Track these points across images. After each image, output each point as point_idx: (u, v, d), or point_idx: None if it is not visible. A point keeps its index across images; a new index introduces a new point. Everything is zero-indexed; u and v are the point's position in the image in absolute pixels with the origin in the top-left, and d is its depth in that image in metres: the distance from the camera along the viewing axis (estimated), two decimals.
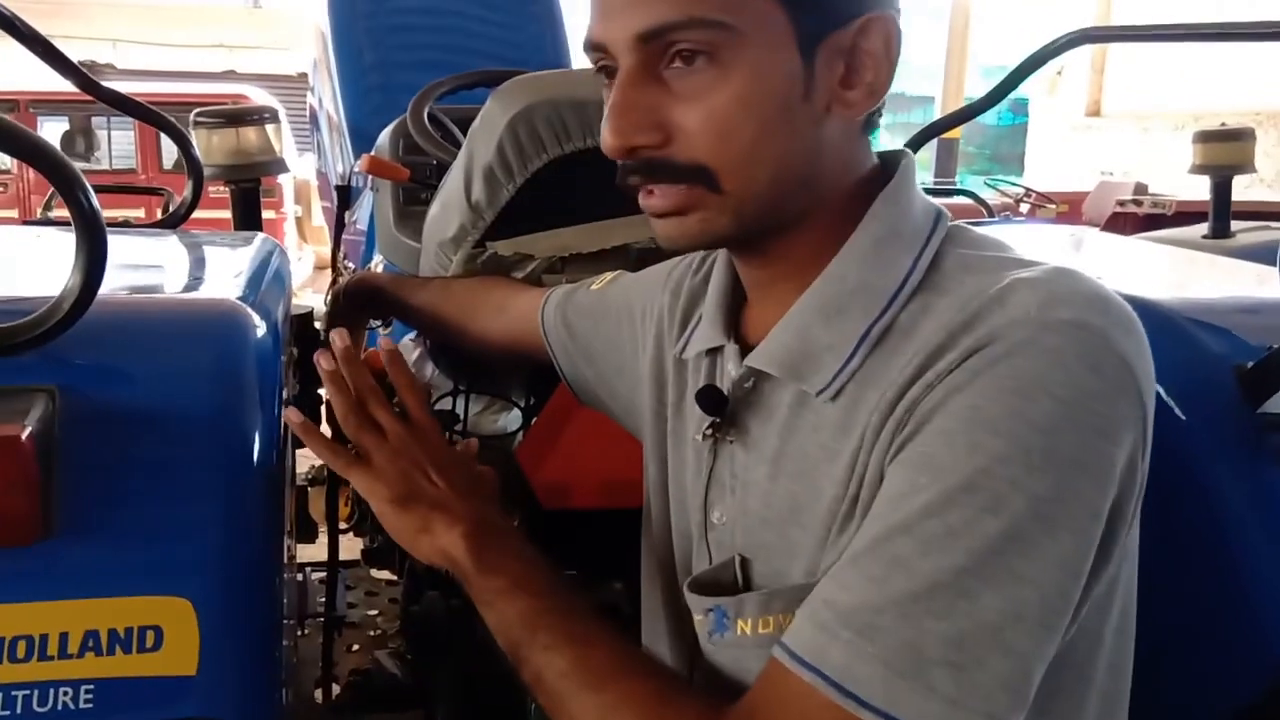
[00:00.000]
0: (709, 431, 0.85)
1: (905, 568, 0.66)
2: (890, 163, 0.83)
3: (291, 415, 0.99)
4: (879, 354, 0.75)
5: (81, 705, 0.85)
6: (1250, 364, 1.10)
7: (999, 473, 0.65)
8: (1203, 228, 3.80)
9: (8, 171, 8.85)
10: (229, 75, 15.55)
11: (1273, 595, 1.08)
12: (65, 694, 0.85)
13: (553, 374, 1.27)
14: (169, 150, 8.99)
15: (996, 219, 2.25)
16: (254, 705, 0.91)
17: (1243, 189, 10.36)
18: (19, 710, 0.84)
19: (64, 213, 1.01)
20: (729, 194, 0.75)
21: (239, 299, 1.19)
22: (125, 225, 2.73)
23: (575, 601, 0.84)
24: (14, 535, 0.88)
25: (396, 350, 1.05)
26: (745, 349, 0.84)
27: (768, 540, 0.80)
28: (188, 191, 2.03)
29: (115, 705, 0.86)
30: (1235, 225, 3.76)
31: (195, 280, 1.48)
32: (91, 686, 0.86)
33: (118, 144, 9.29)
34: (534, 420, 1.52)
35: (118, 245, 0.97)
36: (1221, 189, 3.71)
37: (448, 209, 1.52)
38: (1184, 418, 1.14)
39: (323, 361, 0.98)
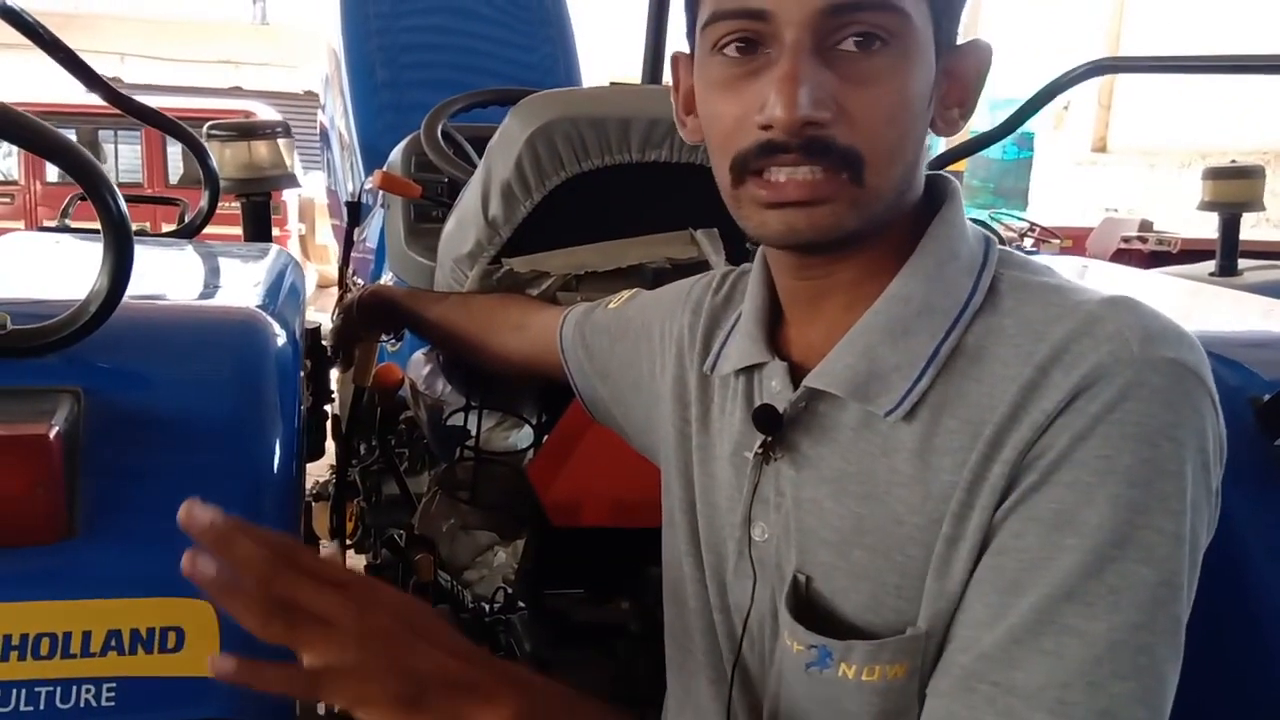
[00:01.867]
0: (759, 450, 0.84)
1: (1079, 635, 0.66)
2: (935, 187, 0.84)
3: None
4: (948, 376, 0.76)
5: (104, 703, 0.86)
6: (1266, 397, 1.11)
7: (1142, 523, 0.66)
8: (1210, 265, 3.82)
9: (14, 183, 8.88)
10: (235, 91, 15.65)
11: None
12: (88, 691, 0.85)
13: (564, 392, 1.27)
14: (175, 164, 9.04)
15: (1011, 248, 2.27)
16: (271, 707, 0.92)
17: (1249, 228, 10.42)
18: (42, 706, 0.84)
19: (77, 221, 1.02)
20: (868, 189, 0.74)
21: (259, 308, 1.20)
22: (141, 234, 2.75)
23: None
24: (39, 534, 0.89)
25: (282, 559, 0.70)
26: (791, 367, 0.84)
27: (827, 560, 0.79)
28: (204, 202, 2.05)
29: (137, 704, 0.86)
30: (1242, 263, 3.78)
31: (216, 289, 1.49)
32: (114, 685, 0.86)
33: (124, 157, 9.32)
34: (545, 438, 1.53)
35: (138, 252, 0.98)
36: (1230, 226, 3.72)
37: (464, 225, 1.54)
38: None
39: (199, 567, 0.67)
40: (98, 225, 0.98)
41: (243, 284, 1.41)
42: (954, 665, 0.70)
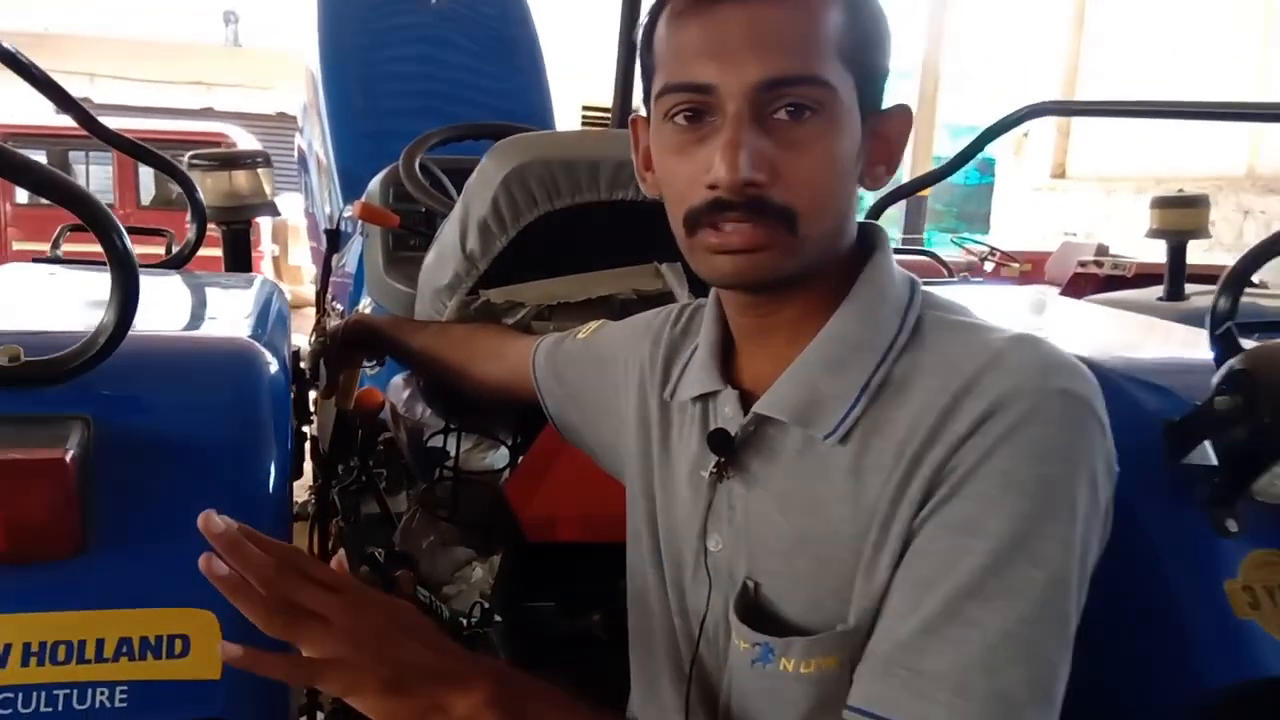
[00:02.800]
0: (712, 470, 0.94)
1: (979, 626, 0.75)
2: (867, 235, 0.94)
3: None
4: (877, 404, 0.85)
5: (117, 704, 0.94)
6: (1176, 419, 1.21)
7: (1036, 531, 0.76)
8: (1158, 290, 3.94)
9: None
10: (207, 113, 15.64)
11: (1195, 632, 1.19)
12: (102, 694, 0.93)
13: (538, 415, 1.36)
14: (146, 186, 9.05)
15: (955, 279, 2.38)
16: (271, 708, 1.00)
17: (1203, 253, 10.63)
18: (60, 708, 0.92)
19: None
20: (802, 238, 0.84)
21: (251, 337, 1.28)
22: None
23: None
24: (56, 549, 0.97)
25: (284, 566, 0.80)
26: (742, 395, 0.94)
27: (774, 568, 0.88)
28: (191, 234, 2.12)
29: (147, 705, 0.94)
30: (1190, 288, 3.90)
31: (209, 319, 1.57)
32: (125, 688, 0.94)
33: (95, 179, 9.31)
34: (520, 458, 1.61)
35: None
36: (1177, 253, 3.83)
37: (443, 258, 1.62)
38: (1118, 468, 1.26)
39: (214, 569, 0.77)
40: (87, 255, 1.05)
41: (234, 314, 1.49)
42: (875, 653, 0.80)
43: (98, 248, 1.06)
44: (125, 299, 1.06)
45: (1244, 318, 3.49)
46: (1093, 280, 7.06)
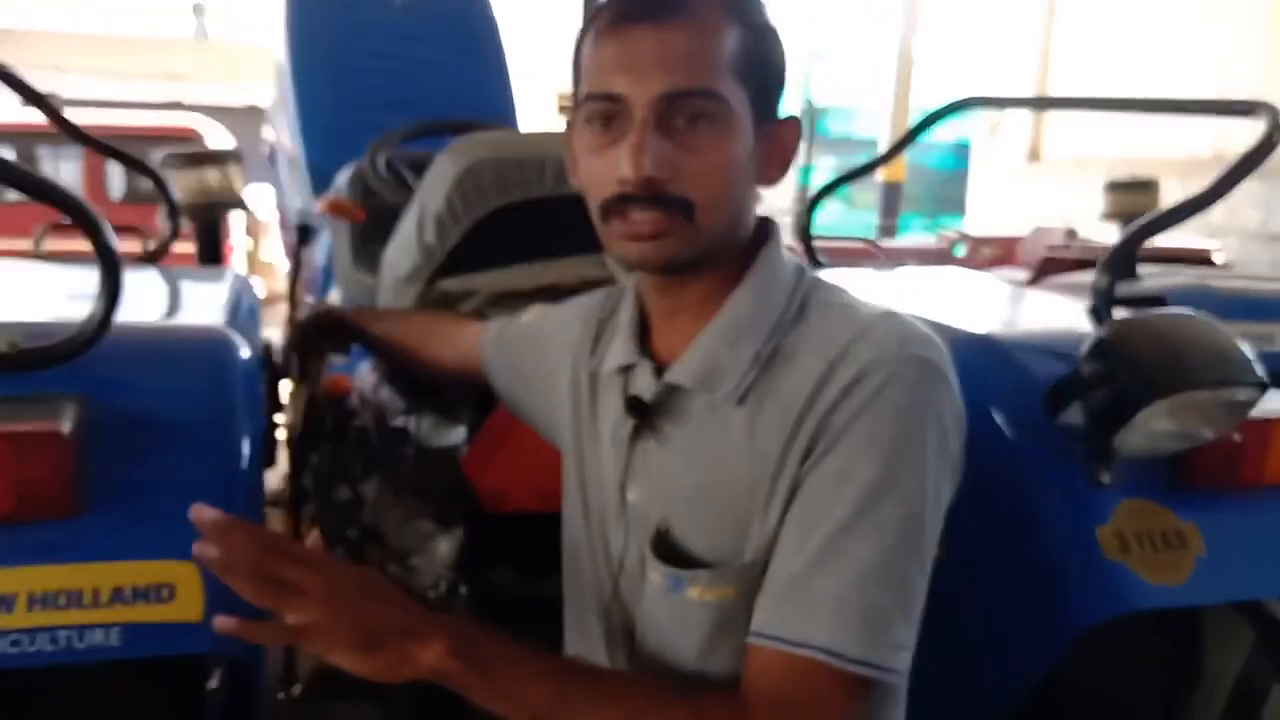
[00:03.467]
0: (631, 431, 1.08)
1: (854, 558, 0.90)
2: (761, 228, 1.08)
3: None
4: (768, 372, 0.99)
5: (112, 643, 1.07)
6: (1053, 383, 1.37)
7: (897, 476, 0.91)
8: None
9: None
10: (176, 106, 15.60)
11: (1069, 572, 1.34)
12: (100, 634, 1.07)
13: (492, 394, 1.49)
14: (115, 181, 9.06)
15: (889, 263, 2.53)
16: (246, 645, 1.13)
17: (1175, 233, 10.78)
18: (64, 646, 1.06)
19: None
20: (699, 226, 0.97)
21: (224, 326, 1.42)
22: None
23: (573, 662, 1.04)
24: (56, 510, 1.10)
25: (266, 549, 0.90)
26: (655, 365, 1.08)
27: (682, 513, 1.03)
28: (166, 231, 2.24)
29: (139, 642, 1.08)
30: (1143, 269, 4.08)
31: (187, 309, 1.70)
32: (119, 629, 1.08)
33: (65, 173, 9.30)
34: (476, 435, 1.74)
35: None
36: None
37: (403, 250, 1.75)
38: (1004, 427, 1.41)
39: (206, 553, 0.88)
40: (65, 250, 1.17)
41: (207, 305, 1.62)
42: (771, 587, 0.95)
43: (74, 244, 1.18)
44: (111, 291, 1.18)
45: (1192, 299, 3.68)
46: (1062, 264, 7.24)
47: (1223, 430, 1.32)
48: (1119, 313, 1.46)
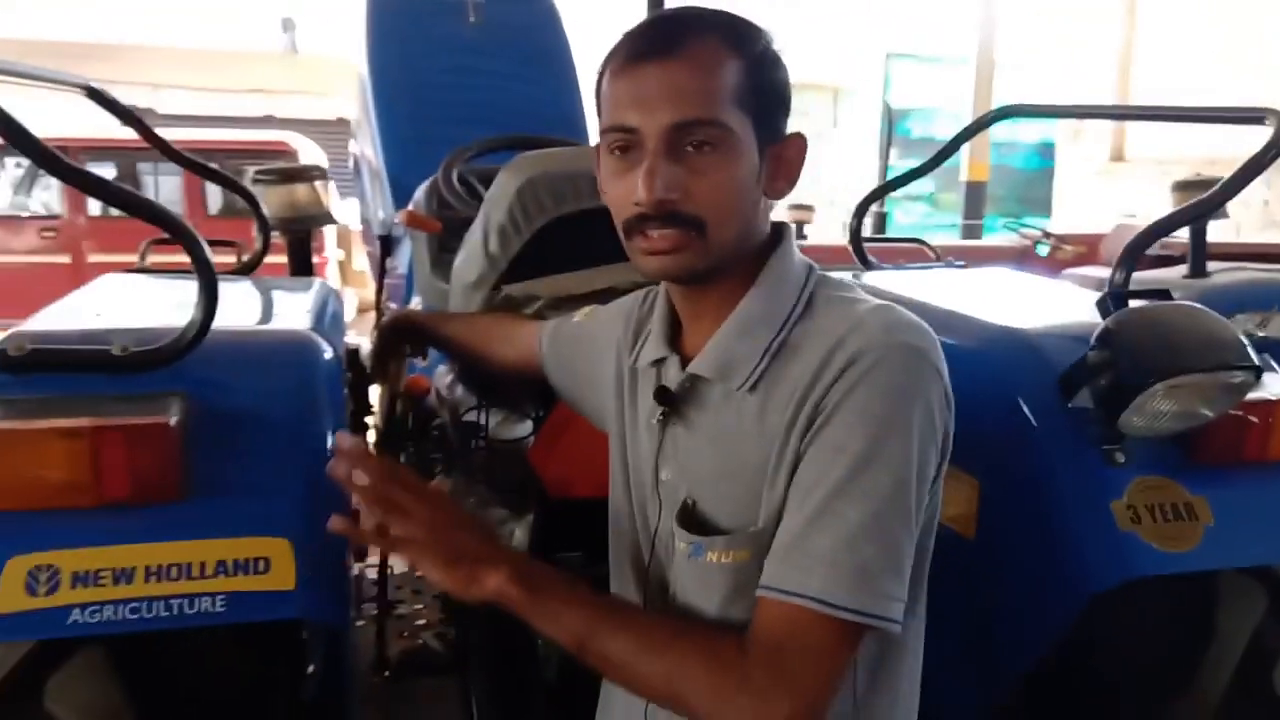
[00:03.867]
0: (659, 419, 1.22)
1: (844, 519, 1.02)
2: (775, 231, 1.20)
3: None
4: (778, 362, 1.12)
5: (217, 609, 1.23)
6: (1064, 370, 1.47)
7: (884, 447, 1.02)
8: (1184, 269, 4.13)
9: (58, 218, 9.33)
10: (268, 121, 16.07)
11: (1084, 540, 1.44)
12: (206, 602, 1.23)
13: (553, 390, 1.63)
14: (213, 196, 9.44)
15: (941, 263, 2.61)
16: (334, 611, 1.30)
17: (1259, 231, 10.55)
18: (177, 612, 1.23)
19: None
20: (710, 241, 1.09)
21: (310, 331, 1.58)
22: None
23: (610, 598, 1.19)
24: (165, 495, 1.27)
25: (395, 474, 1.10)
26: (683, 359, 1.21)
27: (705, 488, 1.16)
28: (258, 244, 2.43)
29: (241, 609, 1.25)
30: (1212, 266, 4.08)
31: (276, 316, 1.87)
32: (224, 597, 1.24)
33: (164, 189, 9.68)
34: (541, 428, 1.88)
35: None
36: (1198, 234, 4.00)
37: (470, 258, 1.91)
38: (1027, 411, 1.52)
39: (339, 470, 1.06)
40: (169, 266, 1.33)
41: (295, 312, 1.79)
42: (776, 547, 1.07)
43: (177, 258, 1.34)
44: (208, 300, 1.35)
45: (1258, 295, 3.68)
46: (1144, 260, 7.18)
47: (1221, 411, 1.41)
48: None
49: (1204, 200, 1.57)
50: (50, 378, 1.32)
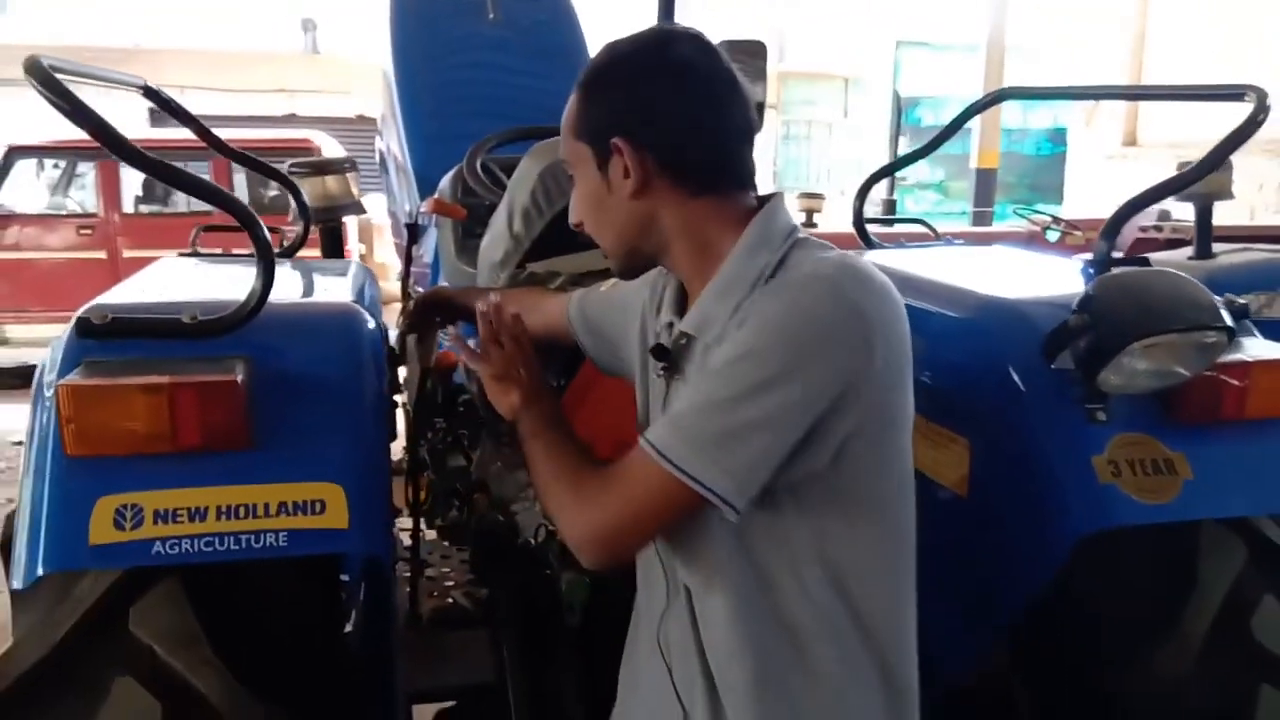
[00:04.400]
0: (661, 373, 1.37)
1: (705, 394, 1.19)
2: (765, 200, 1.34)
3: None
4: (741, 317, 1.23)
5: (281, 544, 1.39)
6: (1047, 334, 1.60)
7: (765, 349, 1.16)
8: (1190, 250, 4.22)
9: (94, 215, 9.56)
10: (291, 119, 16.28)
11: (1067, 493, 1.58)
12: (270, 537, 1.39)
13: (577, 360, 1.76)
14: (241, 192, 9.63)
15: (941, 241, 2.73)
16: (381, 546, 1.45)
17: (1274, 214, 10.58)
18: (245, 546, 1.38)
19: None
20: (608, 247, 1.37)
21: (354, 302, 1.72)
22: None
23: (563, 432, 1.39)
24: (233, 444, 1.41)
25: (509, 321, 1.48)
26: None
27: None
28: (299, 230, 2.59)
29: (301, 543, 1.40)
30: (1217, 247, 4.17)
31: (324, 290, 2.02)
32: (286, 534, 1.40)
33: None
34: (563, 394, 2.02)
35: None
36: (1204, 215, 4.06)
37: (496, 239, 2.05)
38: (1014, 374, 1.65)
39: (481, 305, 1.47)
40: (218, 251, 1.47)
41: (339, 287, 1.94)
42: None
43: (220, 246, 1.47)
44: (266, 275, 1.49)
45: (1264, 274, 3.76)
46: (1153, 244, 7.27)
47: (1197, 370, 1.54)
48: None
49: (1181, 175, 1.69)
50: (129, 343, 1.47)
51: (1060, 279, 1.86)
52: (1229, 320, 1.50)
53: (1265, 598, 1.65)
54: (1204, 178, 1.71)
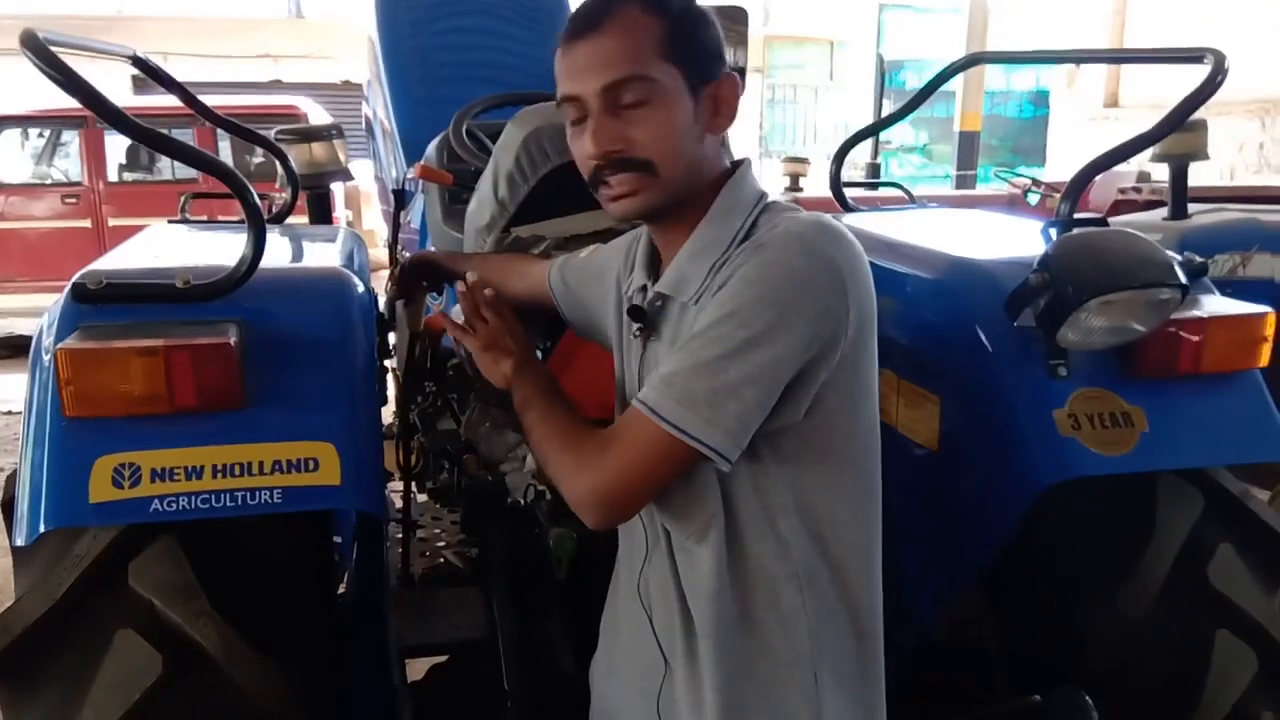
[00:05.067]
0: (637, 334, 1.42)
1: (694, 354, 1.24)
2: (737, 164, 1.39)
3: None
4: (719, 277, 1.29)
5: (275, 500, 1.45)
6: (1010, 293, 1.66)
7: (748, 307, 1.22)
8: (1165, 211, 4.26)
9: (78, 184, 9.54)
10: (276, 85, 16.19)
11: (1029, 446, 1.65)
12: (265, 494, 1.44)
13: (561, 325, 1.81)
14: (226, 159, 9.61)
15: (916, 204, 2.78)
16: (373, 503, 1.50)
17: (1253, 174, 10.66)
18: (240, 503, 1.44)
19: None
20: (663, 178, 1.29)
21: (343, 267, 1.77)
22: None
23: (558, 398, 1.44)
24: (227, 404, 1.47)
25: (490, 295, 1.57)
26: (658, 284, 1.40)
27: None
28: (288, 196, 2.63)
29: (294, 499, 1.46)
30: (1192, 208, 4.20)
31: (314, 256, 2.07)
32: (280, 490, 1.45)
33: None
34: (549, 357, 2.07)
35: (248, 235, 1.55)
36: (1178, 175, 4.13)
37: (482, 204, 2.09)
38: (980, 333, 1.71)
39: (460, 285, 1.57)
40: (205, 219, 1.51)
41: (329, 253, 1.98)
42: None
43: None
44: (257, 240, 1.54)
45: (1240, 234, 3.83)
46: (1133, 205, 7.33)
47: (1152, 326, 1.60)
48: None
49: (1141, 136, 1.75)
50: (123, 308, 1.51)
51: (1026, 240, 1.92)
52: (1183, 278, 1.56)
53: (1221, 545, 1.72)
54: (1163, 138, 1.76)
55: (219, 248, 1.86)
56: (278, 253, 1.93)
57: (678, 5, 1.31)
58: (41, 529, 1.42)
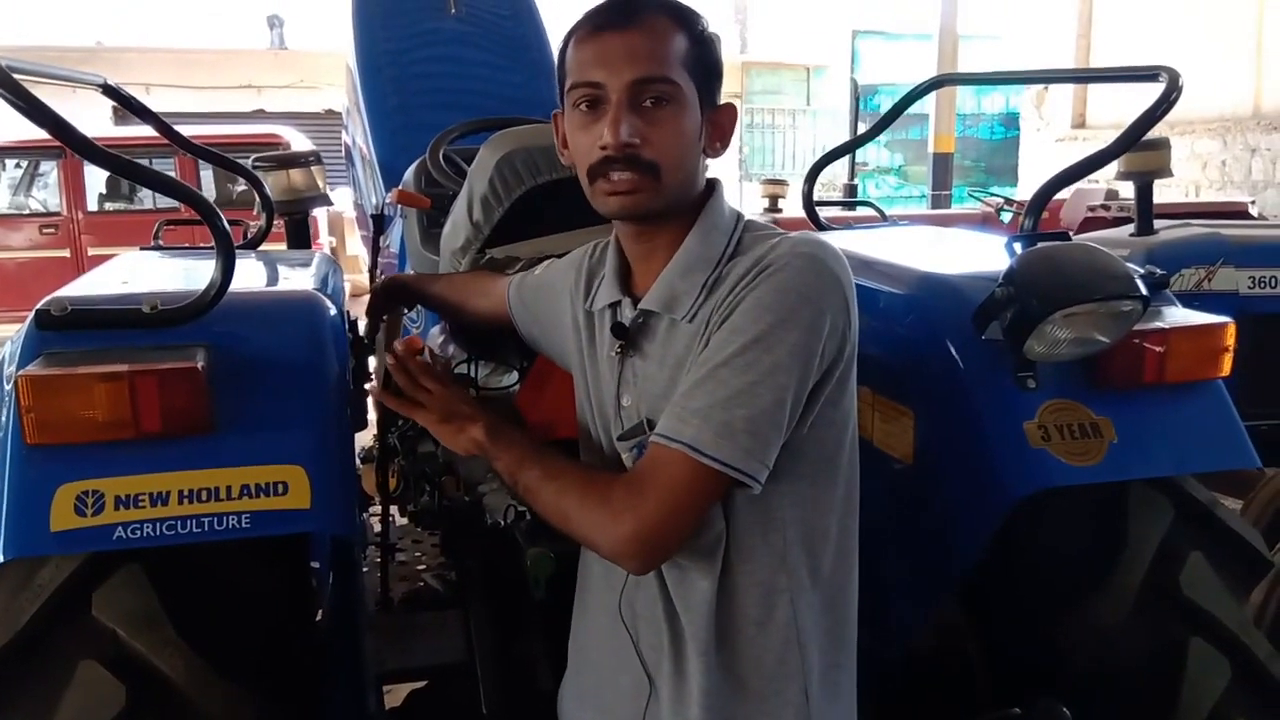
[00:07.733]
0: (617, 351, 1.41)
1: (724, 384, 1.23)
2: (710, 186, 1.40)
3: (377, 393, 1.57)
4: (713, 295, 1.32)
5: (243, 525, 1.44)
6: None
7: (769, 332, 1.22)
8: (1131, 227, 4.30)
9: (57, 214, 9.54)
10: (259, 115, 16.22)
11: (1000, 458, 1.65)
12: (233, 519, 1.43)
13: None
14: (208, 188, 9.62)
15: (887, 222, 2.81)
16: (344, 525, 1.50)
17: (1216, 191, 10.83)
18: (208, 529, 1.42)
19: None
20: (664, 184, 1.30)
21: (315, 290, 1.77)
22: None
23: (549, 450, 1.40)
24: (194, 429, 1.46)
25: (422, 363, 1.54)
26: (634, 300, 1.40)
27: (659, 408, 1.34)
28: (262, 223, 2.63)
29: (262, 523, 1.45)
30: (1158, 224, 4.24)
31: (286, 279, 2.06)
32: (248, 515, 1.45)
33: None
34: (525, 377, 2.07)
35: None
36: (1144, 193, 4.16)
37: (456, 226, 2.10)
38: (949, 346, 1.72)
39: (389, 358, 1.50)
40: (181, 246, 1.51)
41: (302, 277, 1.98)
42: (669, 404, 1.29)
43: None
44: (226, 265, 1.54)
45: (1205, 248, 3.87)
46: (1101, 223, 7.39)
47: (1115, 337, 1.61)
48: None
49: (1099, 153, 1.77)
50: (89, 334, 1.51)
51: (992, 255, 1.93)
52: (1144, 290, 1.58)
53: (1192, 554, 1.73)
54: (1122, 153, 1.78)
55: (189, 274, 1.86)
56: (250, 277, 1.93)
57: (699, 25, 1.34)
58: (1, 559, 1.40)
